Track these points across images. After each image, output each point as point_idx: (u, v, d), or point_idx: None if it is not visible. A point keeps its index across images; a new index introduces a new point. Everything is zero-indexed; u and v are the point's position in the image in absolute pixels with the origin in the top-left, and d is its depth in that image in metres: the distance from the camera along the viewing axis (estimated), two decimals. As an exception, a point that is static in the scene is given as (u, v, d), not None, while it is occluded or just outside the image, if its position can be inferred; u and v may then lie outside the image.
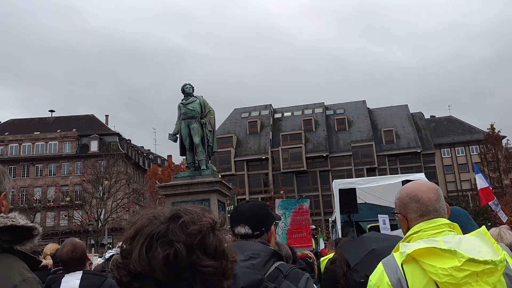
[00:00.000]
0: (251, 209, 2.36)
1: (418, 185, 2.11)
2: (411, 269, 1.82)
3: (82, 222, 44.47)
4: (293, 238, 10.40)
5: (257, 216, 2.31)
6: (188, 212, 1.09)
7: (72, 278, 3.47)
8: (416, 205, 2.02)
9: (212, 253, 1.06)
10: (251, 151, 64.64)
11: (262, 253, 2.06)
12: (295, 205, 11.02)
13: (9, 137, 59.96)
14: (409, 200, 2.04)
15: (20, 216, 1.65)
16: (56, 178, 57.78)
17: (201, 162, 10.93)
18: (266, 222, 2.32)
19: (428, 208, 2.00)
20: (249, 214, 2.32)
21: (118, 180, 47.22)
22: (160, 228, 1.05)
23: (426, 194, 2.03)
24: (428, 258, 1.79)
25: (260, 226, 2.27)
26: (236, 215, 2.37)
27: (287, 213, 10.66)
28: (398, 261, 1.87)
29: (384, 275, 1.86)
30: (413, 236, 1.96)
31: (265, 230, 2.28)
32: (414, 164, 59.12)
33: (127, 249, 1.07)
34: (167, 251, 1.01)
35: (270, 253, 2.10)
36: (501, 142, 55.82)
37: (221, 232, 1.11)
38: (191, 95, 11.25)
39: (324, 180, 59.81)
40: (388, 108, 70.34)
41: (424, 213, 2.00)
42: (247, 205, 2.42)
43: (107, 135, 61.04)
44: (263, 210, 2.37)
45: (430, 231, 1.93)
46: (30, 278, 1.59)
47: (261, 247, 2.11)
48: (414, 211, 2.02)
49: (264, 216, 2.33)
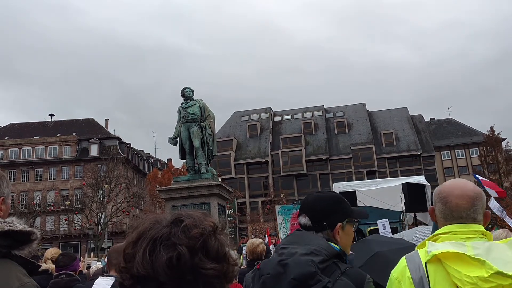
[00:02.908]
0: (315, 200, 2.23)
1: (455, 187, 2.03)
2: (435, 270, 1.81)
3: (82, 226, 44.41)
4: None
5: (319, 208, 2.16)
6: (190, 216, 1.12)
7: (103, 282, 3.51)
8: (441, 207, 2.01)
9: (214, 256, 1.08)
10: (251, 154, 64.64)
11: (324, 252, 1.93)
12: (292, 210, 11.19)
13: (9, 141, 59.97)
14: (438, 199, 2.04)
15: (18, 220, 1.65)
16: (56, 182, 57.74)
17: (201, 165, 10.93)
18: (330, 216, 2.12)
19: (453, 214, 1.96)
20: (311, 204, 2.21)
21: (118, 184, 47.18)
22: (163, 231, 1.07)
23: (457, 200, 1.97)
24: (454, 262, 1.77)
25: (320, 219, 2.11)
26: (302, 205, 2.27)
27: (287, 218, 10.80)
28: (422, 259, 1.86)
29: (407, 270, 1.86)
30: (441, 236, 1.93)
31: (327, 224, 2.10)
32: (414, 166, 59.15)
33: (129, 253, 1.08)
34: (170, 253, 1.03)
35: (333, 254, 1.96)
36: (501, 144, 55.80)
37: (222, 236, 1.13)
38: (191, 99, 11.27)
39: (324, 183, 59.74)
40: (387, 110, 70.42)
41: (447, 217, 1.98)
42: (314, 195, 2.28)
43: (107, 139, 61.04)
44: (329, 203, 2.18)
45: (460, 235, 1.89)
46: (28, 283, 1.58)
47: (325, 246, 1.98)
48: (439, 211, 2.02)
49: (328, 209, 2.14)
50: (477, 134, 63.49)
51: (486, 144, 55.74)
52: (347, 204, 2.22)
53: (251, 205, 60.02)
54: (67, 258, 4.72)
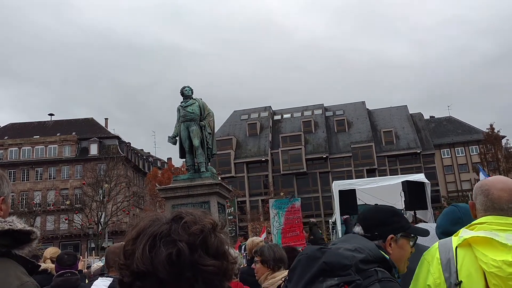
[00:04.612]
0: (370, 211, 2.35)
1: (497, 181, 2.10)
2: (463, 253, 1.90)
3: (82, 226, 44.44)
4: (287, 237, 10.51)
5: (372, 218, 2.24)
6: (190, 214, 1.12)
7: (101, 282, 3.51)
8: (483, 199, 2.06)
9: (214, 253, 1.08)
10: (250, 153, 64.65)
11: (368, 252, 1.97)
12: (288, 204, 11.10)
13: (9, 141, 59.96)
14: (479, 192, 2.10)
15: (17, 220, 1.65)
16: (56, 182, 57.74)
17: (200, 164, 10.92)
18: (382, 227, 2.17)
19: (494, 206, 2.01)
20: (366, 214, 2.31)
21: (118, 183, 47.20)
22: (162, 228, 1.08)
23: (499, 192, 2.02)
24: (483, 247, 1.85)
25: (372, 229, 2.17)
26: (358, 216, 2.40)
27: (281, 212, 10.74)
28: (454, 243, 1.96)
29: (437, 252, 1.98)
30: (476, 226, 1.99)
31: (378, 235, 2.15)
32: (414, 164, 59.14)
33: (129, 250, 1.09)
34: (170, 249, 1.03)
35: (376, 256, 1.98)
36: (500, 142, 55.87)
37: (222, 233, 1.14)
38: (190, 98, 11.26)
39: (324, 181, 59.80)
40: (387, 109, 70.42)
41: (488, 208, 2.02)
42: (370, 207, 2.41)
43: (107, 138, 61.03)
44: (382, 215, 2.25)
45: (495, 226, 1.93)
46: (28, 282, 1.59)
47: (371, 247, 2.02)
48: (480, 204, 2.07)
49: (380, 220, 2.20)
50: (477, 132, 63.52)
51: (486, 142, 55.80)
52: (404, 219, 2.26)
53: (251, 204, 60.04)
54: (72, 257, 4.72)
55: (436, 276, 1.93)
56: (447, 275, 1.89)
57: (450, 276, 1.89)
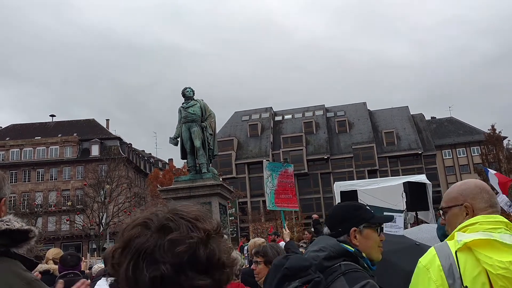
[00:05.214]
0: (333, 210, 2.46)
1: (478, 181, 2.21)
2: (465, 258, 1.87)
3: (84, 227, 44.47)
4: (280, 198, 10.60)
5: (334, 216, 2.35)
6: (180, 224, 1.03)
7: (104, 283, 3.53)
8: (486, 196, 2.09)
9: (204, 268, 1.01)
10: (252, 154, 64.66)
11: (330, 249, 2.09)
12: (281, 168, 11.15)
13: (10, 142, 60.01)
14: (480, 190, 2.12)
15: (15, 219, 1.66)
16: (57, 183, 57.79)
17: (202, 165, 10.94)
18: (344, 223, 2.26)
19: (494, 201, 2.10)
20: (330, 214, 2.42)
21: (120, 184, 47.23)
22: (148, 243, 1.01)
23: (489, 188, 2.15)
24: (485, 249, 1.84)
25: (336, 226, 2.28)
26: (325, 217, 2.52)
27: (274, 174, 10.78)
28: (452, 248, 1.92)
29: (436, 259, 1.93)
30: (468, 228, 1.99)
31: (342, 231, 2.24)
32: (415, 165, 59.10)
33: (115, 263, 1.05)
34: (153, 273, 0.97)
35: (338, 250, 2.10)
36: (502, 142, 55.74)
37: (216, 240, 1.06)
38: (192, 99, 11.28)
39: (325, 182, 59.79)
40: (388, 109, 70.39)
41: (493, 204, 2.07)
42: (333, 206, 2.52)
43: (108, 139, 61.06)
44: (344, 211, 2.34)
45: (486, 225, 1.94)
46: (33, 280, 1.61)
47: (333, 244, 2.14)
48: (484, 201, 2.08)
49: (343, 217, 2.30)
50: (478, 133, 63.41)
51: (487, 143, 55.67)
52: (365, 211, 2.31)
53: (252, 205, 60.06)
54: (75, 258, 4.74)
55: (439, 283, 1.87)
56: (451, 282, 1.85)
57: (454, 282, 1.84)
